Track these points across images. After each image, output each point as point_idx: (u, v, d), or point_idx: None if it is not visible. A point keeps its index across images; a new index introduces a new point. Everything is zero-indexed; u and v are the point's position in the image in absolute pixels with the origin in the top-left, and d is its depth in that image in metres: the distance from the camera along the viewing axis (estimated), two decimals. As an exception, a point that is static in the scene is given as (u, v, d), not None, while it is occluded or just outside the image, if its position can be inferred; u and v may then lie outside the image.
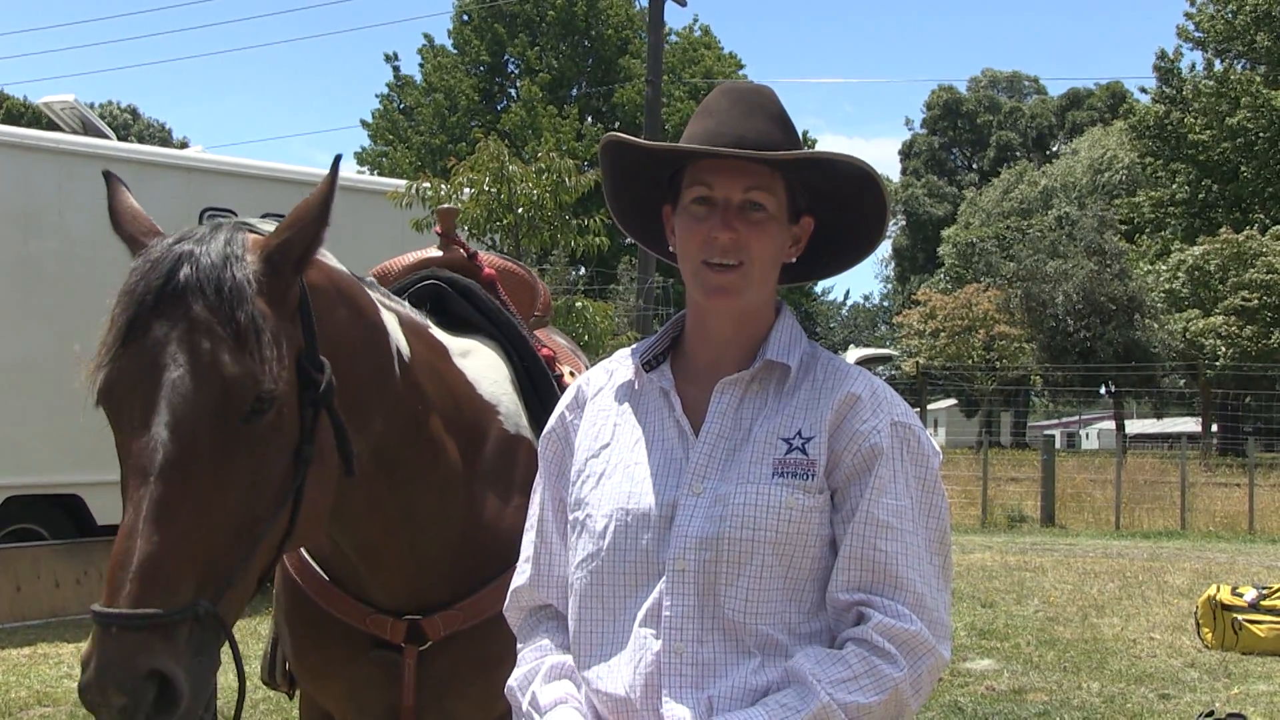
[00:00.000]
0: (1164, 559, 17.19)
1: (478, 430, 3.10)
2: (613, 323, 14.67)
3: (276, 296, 2.40)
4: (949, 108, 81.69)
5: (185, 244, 2.37)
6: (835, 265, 2.51)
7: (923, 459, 2.25)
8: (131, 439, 2.24)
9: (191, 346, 2.27)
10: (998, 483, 25.93)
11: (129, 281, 2.36)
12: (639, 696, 2.15)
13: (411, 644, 2.98)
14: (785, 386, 2.29)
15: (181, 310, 2.29)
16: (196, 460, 2.22)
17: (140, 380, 2.27)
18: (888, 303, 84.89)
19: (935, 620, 2.15)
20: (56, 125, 14.05)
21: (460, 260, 3.66)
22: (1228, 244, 42.40)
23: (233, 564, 2.26)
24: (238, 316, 2.30)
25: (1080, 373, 44.97)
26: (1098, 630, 11.08)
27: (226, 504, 2.25)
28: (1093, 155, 61.19)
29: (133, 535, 2.15)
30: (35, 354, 11.19)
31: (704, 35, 54.90)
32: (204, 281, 2.31)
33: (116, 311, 2.34)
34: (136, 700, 2.08)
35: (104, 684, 2.07)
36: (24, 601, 10.81)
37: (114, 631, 2.10)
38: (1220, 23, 49.39)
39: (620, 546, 2.23)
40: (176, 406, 2.23)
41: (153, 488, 2.18)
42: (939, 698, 8.34)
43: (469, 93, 52.36)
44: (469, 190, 13.19)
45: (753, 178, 2.24)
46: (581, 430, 2.41)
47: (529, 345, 3.43)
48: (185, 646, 2.15)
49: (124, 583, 2.12)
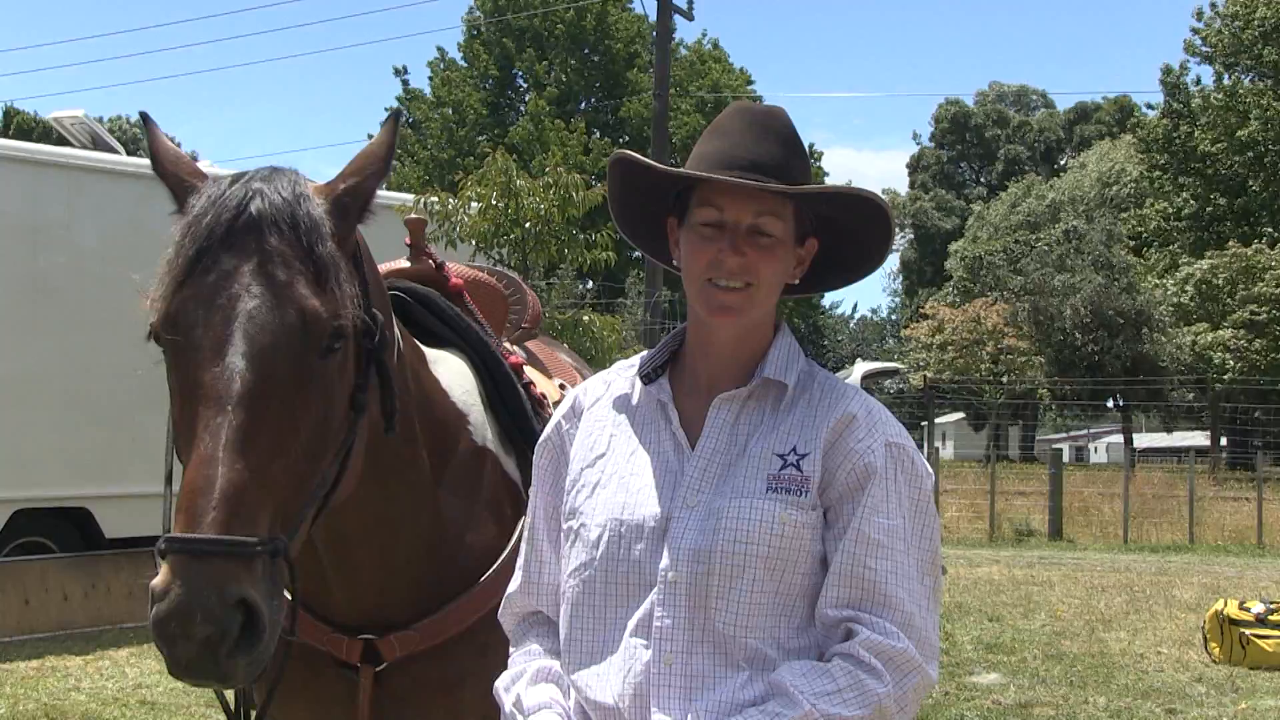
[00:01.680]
0: (1172, 573, 17.15)
1: (448, 439, 3.07)
2: (620, 337, 14.69)
3: (342, 240, 2.40)
4: (957, 121, 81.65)
5: (252, 182, 2.34)
6: (834, 282, 2.53)
7: (916, 480, 2.27)
8: (202, 370, 2.19)
9: (269, 278, 2.24)
10: (1005, 496, 25.91)
11: (193, 215, 2.31)
12: (627, 706, 2.16)
13: (367, 664, 2.93)
14: (782, 404, 2.31)
15: (256, 243, 2.26)
16: (275, 392, 2.18)
17: (212, 311, 2.22)
18: (895, 316, 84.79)
19: (923, 640, 2.17)
20: (66, 140, 14.10)
21: (428, 271, 3.63)
22: (1236, 258, 42.32)
23: (302, 504, 2.24)
24: (316, 250, 2.29)
25: (1088, 386, 44.88)
26: (1105, 644, 11.07)
27: (300, 440, 2.22)
28: (1101, 169, 61.10)
29: (212, 463, 2.10)
30: (44, 367, 11.23)
31: (714, 49, 55.00)
32: (279, 216, 2.28)
33: (183, 243, 2.29)
34: (223, 630, 2.00)
35: (189, 612, 1.97)
36: (32, 615, 10.82)
37: (198, 559, 2.01)
38: (1228, 37, 49.35)
39: (614, 556, 2.25)
40: (254, 336, 2.19)
41: (232, 416, 2.13)
42: (945, 711, 8.34)
43: (477, 107, 52.47)
44: (476, 204, 13.22)
45: (764, 203, 2.26)
46: (577, 440, 2.42)
47: (495, 355, 3.39)
48: (264, 580, 2.09)
49: (206, 509, 2.06)
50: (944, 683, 9.26)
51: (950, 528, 23.45)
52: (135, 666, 9.58)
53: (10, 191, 11.38)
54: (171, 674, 2.07)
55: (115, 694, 8.69)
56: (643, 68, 50.59)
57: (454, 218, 13.20)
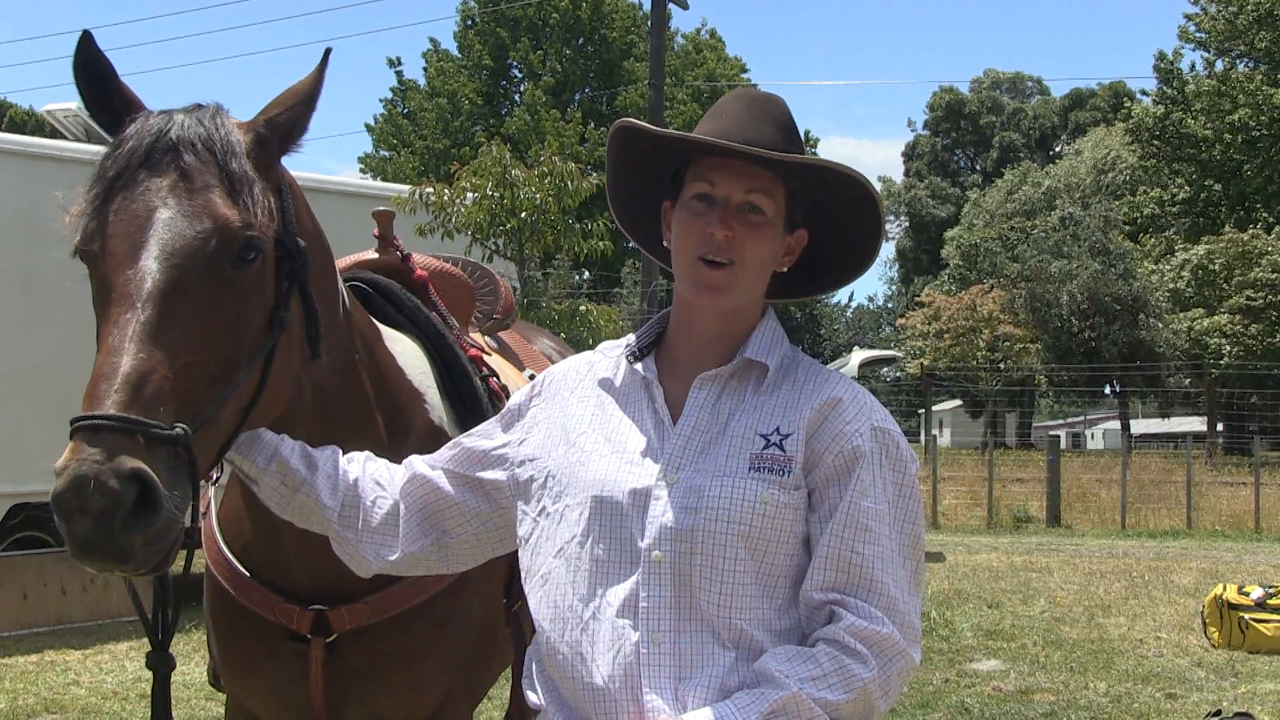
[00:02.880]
0: (1170, 558, 17.17)
1: (405, 414, 3.09)
2: (616, 326, 14.67)
3: (262, 167, 2.45)
4: (951, 109, 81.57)
5: (175, 114, 2.42)
6: (827, 284, 2.54)
7: (901, 465, 2.28)
8: (116, 274, 2.26)
9: (183, 190, 2.32)
10: (1003, 483, 25.92)
11: (117, 140, 2.40)
12: (618, 687, 2.17)
13: (318, 635, 2.95)
14: (764, 385, 2.32)
15: (173, 161, 2.34)
16: (184, 292, 2.24)
17: (129, 223, 2.29)
18: (892, 304, 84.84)
19: (906, 624, 2.19)
20: (60, 133, 14.07)
21: (393, 263, 3.68)
22: (1232, 243, 42.30)
23: (209, 402, 2.26)
24: (230, 166, 2.37)
25: (1085, 373, 44.88)
26: (1104, 630, 11.08)
27: (209, 340, 2.27)
28: (1096, 155, 61.04)
29: (118, 352, 2.16)
30: (40, 361, 11.19)
31: (710, 39, 54.94)
32: (195, 138, 2.37)
33: (105, 164, 2.37)
34: (116, 500, 2.01)
35: (83, 483, 2.00)
36: (30, 609, 10.81)
37: (95, 434, 2.05)
38: (1221, 23, 49.29)
39: (595, 534, 2.26)
40: (167, 242, 2.26)
41: (140, 312, 2.20)
42: (945, 698, 8.34)
43: (472, 97, 52.40)
44: (472, 195, 13.19)
45: (755, 180, 2.28)
46: (551, 416, 2.45)
47: (450, 344, 3.42)
48: (164, 465, 2.11)
49: (108, 392, 2.11)
50: (944, 669, 9.27)
51: (948, 515, 23.48)
52: (134, 660, 9.57)
53: (4, 185, 11.35)
54: (74, 557, 2.09)
55: (114, 688, 8.68)
56: (639, 57, 50.52)
57: (450, 208, 13.18)
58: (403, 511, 2.55)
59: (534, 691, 2.35)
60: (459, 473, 2.56)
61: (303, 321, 2.57)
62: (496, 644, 3.26)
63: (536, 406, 2.51)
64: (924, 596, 2.28)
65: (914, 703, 8.12)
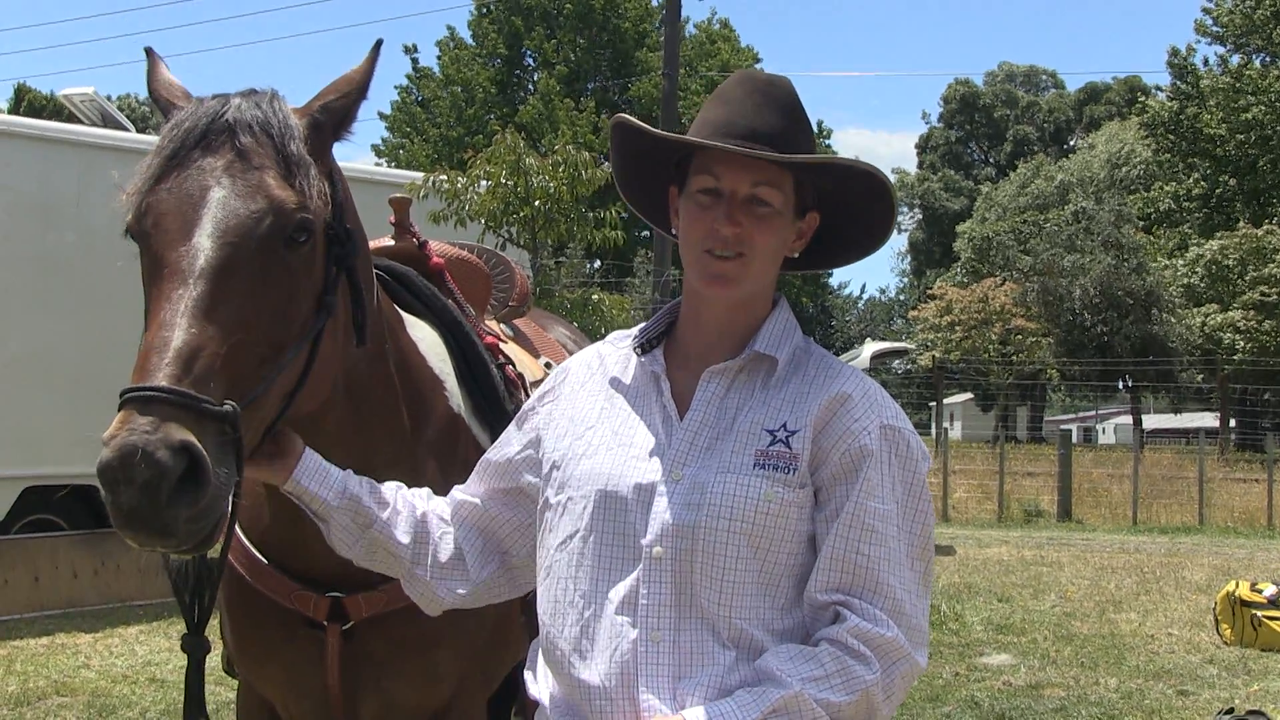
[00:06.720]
0: (1182, 554, 17.13)
1: (426, 401, 3.10)
2: (628, 315, 14.66)
3: (316, 151, 2.47)
4: (966, 101, 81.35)
5: (232, 98, 2.45)
6: (837, 259, 2.50)
7: (911, 464, 2.24)
8: (169, 250, 2.26)
9: (239, 170, 2.34)
10: (1014, 477, 25.88)
11: (173, 121, 2.42)
12: (614, 686, 2.14)
13: (334, 622, 2.95)
14: (773, 379, 2.28)
15: (229, 142, 2.36)
16: (237, 270, 2.25)
17: (183, 200, 2.30)
18: (904, 297, 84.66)
19: (913, 627, 2.15)
20: (76, 118, 14.09)
21: (410, 250, 3.69)
22: (1246, 238, 42.14)
23: (258, 382, 2.26)
24: (288, 148, 2.38)
25: (1097, 367, 44.77)
26: (1115, 626, 11.05)
27: (259, 319, 2.27)
28: (1110, 150, 60.81)
29: (170, 326, 2.15)
30: (54, 345, 11.22)
31: (723, 29, 54.83)
32: (251, 120, 2.39)
33: (162, 144, 2.38)
34: (163, 473, 1.99)
35: (131, 452, 1.98)
36: (42, 592, 10.85)
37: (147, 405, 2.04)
38: (1239, 17, 49.05)
39: (598, 529, 2.23)
40: (221, 220, 2.28)
41: (192, 288, 2.20)
42: (955, 692, 8.33)
43: (486, 85, 52.39)
44: (485, 183, 13.18)
45: (761, 173, 2.23)
46: (563, 411, 2.42)
47: (467, 332, 3.42)
48: (212, 441, 2.10)
49: (159, 365, 2.10)
50: (954, 663, 9.25)
51: (959, 508, 23.46)
52: (145, 644, 9.60)
53: (21, 169, 11.37)
54: (117, 529, 2.07)
55: (125, 671, 8.70)
56: (652, 47, 50.45)
57: (463, 196, 13.17)
58: (463, 542, 2.52)
59: (534, 684, 2.34)
60: (495, 488, 2.53)
61: (348, 307, 2.58)
62: (513, 633, 3.25)
63: (549, 404, 2.48)
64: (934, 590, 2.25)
65: (924, 696, 8.11)
